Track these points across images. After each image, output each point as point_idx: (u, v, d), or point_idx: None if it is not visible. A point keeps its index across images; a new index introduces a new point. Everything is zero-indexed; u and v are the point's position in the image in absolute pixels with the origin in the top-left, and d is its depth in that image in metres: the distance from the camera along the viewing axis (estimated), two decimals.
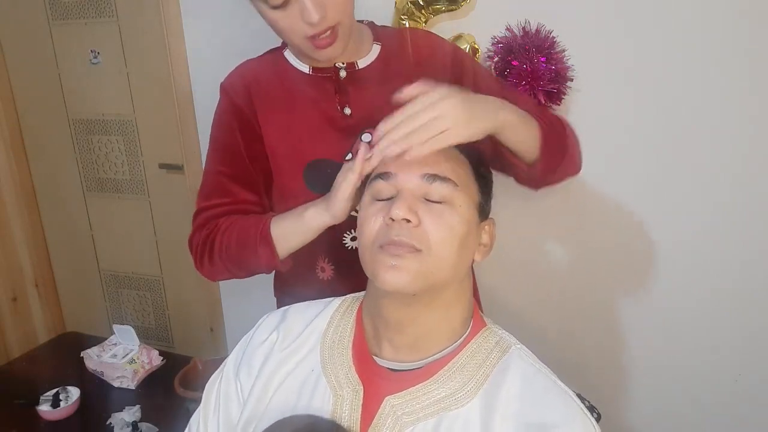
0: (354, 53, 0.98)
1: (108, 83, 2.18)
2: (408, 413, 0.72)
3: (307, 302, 0.88)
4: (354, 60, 0.99)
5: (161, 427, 1.57)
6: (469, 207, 0.74)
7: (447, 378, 0.72)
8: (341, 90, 0.98)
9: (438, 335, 0.75)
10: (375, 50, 1.00)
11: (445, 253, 0.70)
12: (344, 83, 0.98)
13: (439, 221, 0.70)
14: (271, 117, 0.99)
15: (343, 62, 0.97)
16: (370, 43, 1.01)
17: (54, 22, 2.18)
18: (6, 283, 2.42)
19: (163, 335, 2.49)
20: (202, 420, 0.85)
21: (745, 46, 1.40)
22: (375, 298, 0.76)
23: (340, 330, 0.81)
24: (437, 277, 0.71)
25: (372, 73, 0.99)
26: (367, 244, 0.72)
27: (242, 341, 0.87)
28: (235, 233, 0.96)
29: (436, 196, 0.72)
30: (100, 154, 2.32)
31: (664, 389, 1.72)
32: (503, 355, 0.74)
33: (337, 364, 0.78)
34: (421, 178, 0.72)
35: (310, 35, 0.87)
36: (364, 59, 0.99)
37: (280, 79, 1.00)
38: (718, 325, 1.61)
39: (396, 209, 0.69)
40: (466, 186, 0.74)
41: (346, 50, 0.94)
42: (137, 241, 2.37)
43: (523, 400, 0.70)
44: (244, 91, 1.00)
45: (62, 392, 1.65)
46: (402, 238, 0.69)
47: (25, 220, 2.45)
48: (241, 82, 1.01)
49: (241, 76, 1.02)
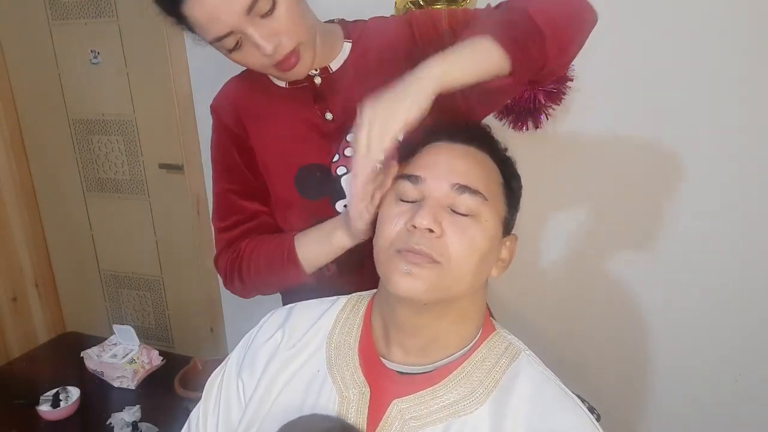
0: (326, 57, 0.97)
1: (108, 83, 2.18)
2: (415, 417, 0.71)
3: (312, 300, 0.86)
4: (327, 64, 0.98)
5: (161, 427, 1.57)
6: (494, 222, 0.72)
7: (456, 383, 0.72)
8: (319, 97, 0.98)
9: (449, 341, 0.74)
10: (346, 49, 0.99)
11: (464, 268, 0.69)
12: (321, 89, 0.98)
13: (462, 236, 0.69)
14: (257, 131, 1.01)
15: (316, 69, 0.97)
16: (341, 42, 1.00)
17: (54, 22, 2.18)
18: (6, 283, 2.42)
19: (163, 335, 2.49)
20: (202, 416, 0.84)
21: (744, 47, 1.41)
22: (388, 301, 0.74)
23: (346, 330, 0.80)
24: (453, 290, 0.69)
25: (346, 72, 0.98)
26: (385, 245, 0.71)
27: (245, 338, 0.86)
28: (262, 258, 0.99)
29: (463, 208, 0.70)
30: (100, 154, 2.32)
31: (664, 389, 1.72)
32: (513, 361, 0.74)
33: (343, 365, 0.76)
34: (450, 187, 0.70)
35: (273, 64, 0.88)
36: (336, 60, 0.98)
37: (262, 94, 1.01)
38: (718, 325, 1.61)
39: (421, 218, 0.67)
40: (494, 199, 0.72)
41: (317, 58, 0.94)
42: (137, 241, 2.37)
43: (534, 407, 0.69)
44: (231, 109, 1.03)
45: (62, 392, 1.65)
46: (422, 247, 0.67)
47: (25, 220, 2.45)
48: (226, 101, 1.05)
49: (225, 96, 1.06)
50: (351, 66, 0.98)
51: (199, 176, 2.09)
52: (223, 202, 1.07)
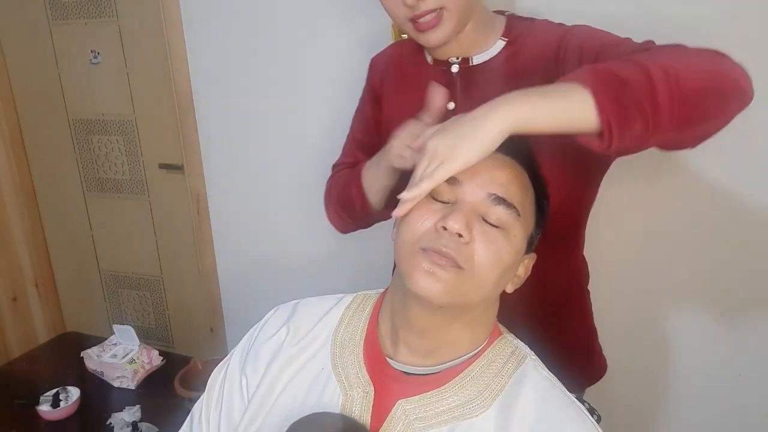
0: (472, 46, 0.94)
1: (108, 83, 2.18)
2: (420, 419, 0.70)
3: (318, 297, 0.87)
4: (470, 54, 0.94)
5: (161, 427, 1.57)
6: (521, 238, 0.71)
7: (462, 386, 0.72)
8: (450, 84, 0.94)
9: (458, 345, 0.74)
10: (497, 46, 0.94)
11: (486, 278, 0.69)
12: (455, 78, 0.96)
13: (490, 246, 0.68)
14: (389, 98, 1.08)
15: (457, 56, 0.95)
16: (495, 38, 0.95)
17: (54, 22, 2.18)
18: (6, 283, 2.42)
19: (163, 335, 2.49)
20: (205, 409, 0.84)
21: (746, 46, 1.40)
22: (402, 297, 0.74)
23: (352, 328, 0.80)
24: (470, 298, 0.69)
25: (486, 70, 0.94)
26: (410, 240, 0.70)
27: (249, 333, 0.86)
28: (342, 179, 1.08)
29: (495, 218, 0.69)
30: (100, 154, 2.32)
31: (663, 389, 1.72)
32: (519, 365, 0.74)
33: (348, 363, 0.76)
34: (487, 196, 0.69)
35: (411, 17, 0.87)
36: (481, 55, 0.94)
37: (410, 63, 1.04)
38: (718, 324, 1.61)
39: (453, 221, 0.66)
40: (525, 216, 0.72)
41: (463, 42, 0.92)
42: (137, 241, 2.37)
43: (540, 413, 0.69)
44: (381, 69, 1.11)
45: (62, 392, 1.65)
46: (449, 251, 0.66)
47: (25, 220, 2.46)
48: (381, 60, 1.13)
49: (383, 54, 1.13)
50: (494, 65, 0.95)
51: (199, 176, 2.09)
52: (346, 143, 1.18)
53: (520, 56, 0.93)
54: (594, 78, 0.67)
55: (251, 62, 1.87)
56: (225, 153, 2.04)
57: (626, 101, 0.65)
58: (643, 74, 0.67)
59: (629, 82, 0.66)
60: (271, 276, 2.09)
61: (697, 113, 0.69)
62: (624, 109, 0.65)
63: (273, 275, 2.08)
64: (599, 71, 0.68)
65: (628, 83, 0.66)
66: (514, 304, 0.80)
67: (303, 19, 1.76)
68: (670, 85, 0.66)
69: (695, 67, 0.70)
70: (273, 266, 2.08)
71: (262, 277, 2.11)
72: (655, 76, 0.66)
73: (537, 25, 0.96)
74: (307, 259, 2.01)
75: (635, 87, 0.66)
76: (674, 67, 0.68)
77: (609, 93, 0.65)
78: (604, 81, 0.67)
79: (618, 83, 0.66)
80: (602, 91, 0.65)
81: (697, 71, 0.70)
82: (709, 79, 0.70)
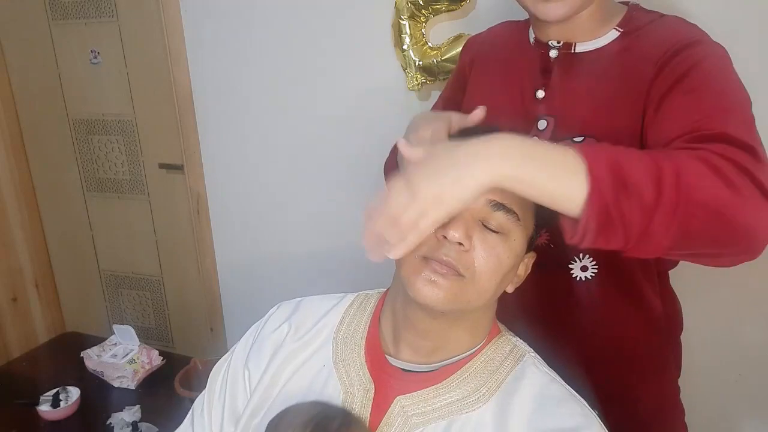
0: (581, 32, 0.85)
1: (108, 83, 2.18)
2: (418, 414, 0.72)
3: (320, 295, 0.88)
4: (575, 40, 0.86)
5: (161, 427, 1.57)
6: (521, 241, 0.72)
7: (460, 382, 0.73)
8: (544, 69, 0.88)
9: (458, 345, 0.75)
10: (608, 37, 0.85)
11: (487, 285, 0.70)
12: (551, 64, 0.88)
13: (490, 253, 0.69)
14: (477, 79, 1.02)
15: (559, 41, 0.87)
16: (610, 26, 0.85)
17: (54, 22, 2.18)
18: (6, 283, 2.42)
19: (163, 335, 2.49)
20: (207, 403, 0.85)
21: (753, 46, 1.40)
22: (404, 302, 0.75)
23: (353, 326, 0.81)
24: (472, 304, 0.70)
25: (588, 62, 0.86)
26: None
27: (253, 329, 0.87)
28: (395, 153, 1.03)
29: (495, 224, 0.69)
30: (100, 154, 2.32)
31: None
32: (517, 362, 0.75)
33: (349, 361, 0.78)
34: (486, 203, 0.69)
35: None
36: (587, 43, 0.86)
37: (510, 44, 0.97)
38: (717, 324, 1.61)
39: (453, 231, 0.66)
40: (525, 219, 0.72)
41: (574, 26, 0.84)
42: (137, 241, 2.37)
43: (539, 406, 0.70)
44: (474, 49, 1.06)
45: (62, 392, 1.65)
46: (450, 259, 0.67)
47: (25, 220, 2.45)
48: (477, 40, 1.09)
49: (482, 35, 1.09)
50: (600, 57, 0.85)
51: (199, 176, 2.09)
52: (439, 105, 1.14)
53: (633, 52, 0.83)
54: (602, 175, 0.60)
55: (251, 62, 1.87)
56: (225, 153, 2.04)
57: (615, 213, 0.60)
58: (653, 165, 0.60)
59: (642, 163, 0.61)
60: (271, 276, 2.08)
61: (697, 225, 0.61)
62: (610, 221, 0.60)
63: (273, 275, 2.07)
64: (612, 165, 0.60)
65: (640, 163, 0.61)
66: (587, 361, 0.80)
67: (303, 20, 1.76)
68: (680, 190, 0.60)
69: (712, 204, 0.61)
70: (273, 266, 2.08)
71: (262, 277, 2.11)
72: (668, 171, 0.60)
73: (666, 21, 0.85)
74: (307, 259, 2.01)
75: (634, 208, 0.60)
76: (690, 195, 0.60)
77: (605, 196, 0.59)
78: (609, 181, 0.59)
79: (621, 190, 0.60)
80: (599, 189, 0.59)
81: (720, 197, 0.61)
82: (729, 208, 0.61)
